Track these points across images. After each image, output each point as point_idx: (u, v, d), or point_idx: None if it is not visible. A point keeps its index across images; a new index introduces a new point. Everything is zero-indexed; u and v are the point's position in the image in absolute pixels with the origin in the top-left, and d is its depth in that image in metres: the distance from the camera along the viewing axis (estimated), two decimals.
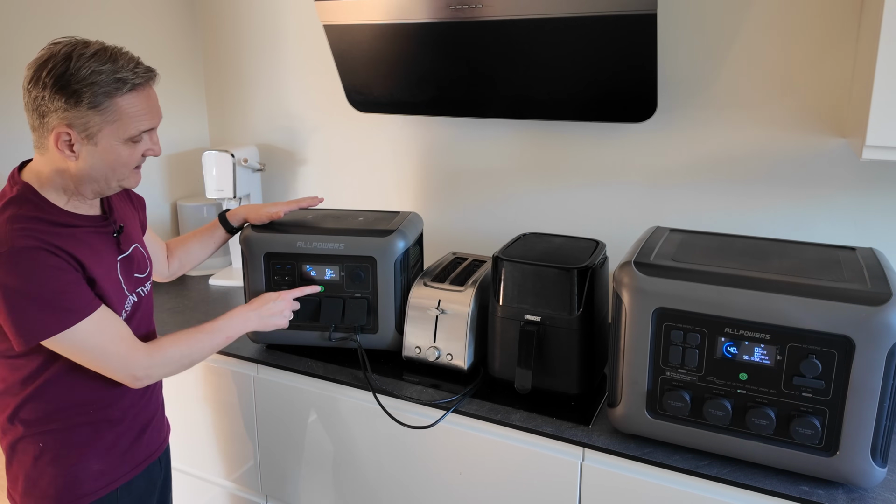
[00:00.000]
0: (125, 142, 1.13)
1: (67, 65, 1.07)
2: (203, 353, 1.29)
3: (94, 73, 1.07)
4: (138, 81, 1.12)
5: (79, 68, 1.07)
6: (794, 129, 1.52)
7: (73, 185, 1.15)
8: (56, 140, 1.10)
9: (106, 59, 1.09)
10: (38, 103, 1.09)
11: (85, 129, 1.09)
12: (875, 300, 1.03)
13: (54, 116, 1.08)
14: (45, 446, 1.19)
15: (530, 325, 1.37)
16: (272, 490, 1.70)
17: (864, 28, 1.33)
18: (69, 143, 1.10)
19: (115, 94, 1.09)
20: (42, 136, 1.12)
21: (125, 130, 1.12)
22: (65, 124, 1.09)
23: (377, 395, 1.45)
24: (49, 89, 1.07)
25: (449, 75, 1.69)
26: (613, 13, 1.38)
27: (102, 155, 1.12)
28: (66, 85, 1.07)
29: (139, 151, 1.17)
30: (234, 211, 1.60)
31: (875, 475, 1.08)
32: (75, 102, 1.07)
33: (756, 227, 1.60)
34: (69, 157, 1.12)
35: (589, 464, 1.27)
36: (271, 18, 2.13)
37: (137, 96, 1.13)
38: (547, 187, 1.82)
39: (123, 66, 1.10)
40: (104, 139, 1.11)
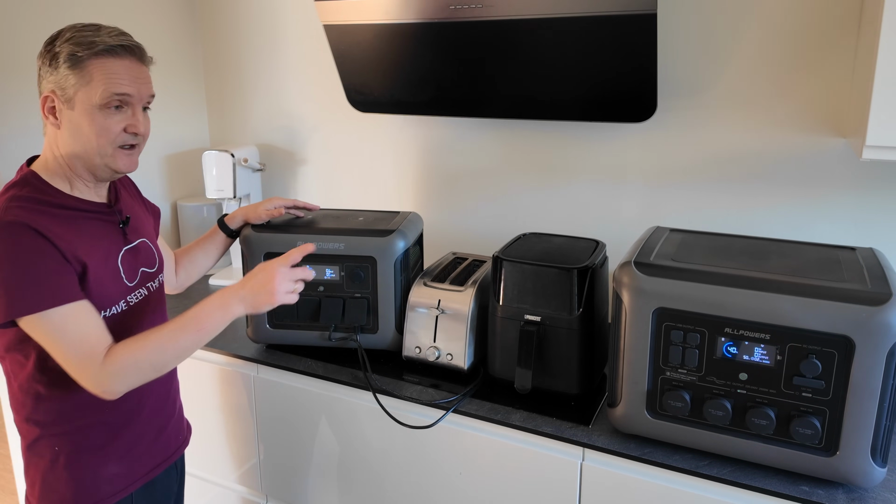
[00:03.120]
0: (100, 108, 1.13)
1: (59, 34, 1.13)
2: (171, 354, 1.14)
3: (69, 38, 1.12)
4: (112, 44, 1.14)
5: (59, 34, 1.13)
6: (794, 129, 1.52)
7: (64, 163, 1.17)
8: (43, 106, 1.14)
9: (89, 28, 1.15)
10: (38, 75, 1.15)
11: (63, 90, 1.12)
12: (875, 300, 1.03)
13: (43, 84, 1.14)
14: (60, 449, 1.18)
15: (530, 325, 1.37)
16: (272, 490, 1.70)
17: (864, 28, 1.33)
18: (53, 108, 1.13)
19: (89, 55, 1.12)
20: (41, 107, 1.15)
21: (96, 93, 1.12)
22: (49, 89, 1.13)
23: (377, 395, 1.45)
24: (40, 58, 1.14)
25: (449, 75, 1.69)
26: (613, 13, 1.38)
27: (80, 118, 1.13)
28: (51, 49, 1.13)
29: (117, 122, 1.14)
30: (231, 214, 1.59)
31: (875, 475, 1.08)
32: (54, 63, 1.12)
33: (756, 227, 1.60)
34: (53, 125, 1.14)
35: (589, 464, 1.27)
36: (271, 18, 2.13)
37: (113, 61, 1.13)
38: (547, 187, 1.82)
39: (105, 33, 1.15)
40: (79, 102, 1.12)
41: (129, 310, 1.22)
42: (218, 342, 1.68)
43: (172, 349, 1.14)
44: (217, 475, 1.79)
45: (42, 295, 1.07)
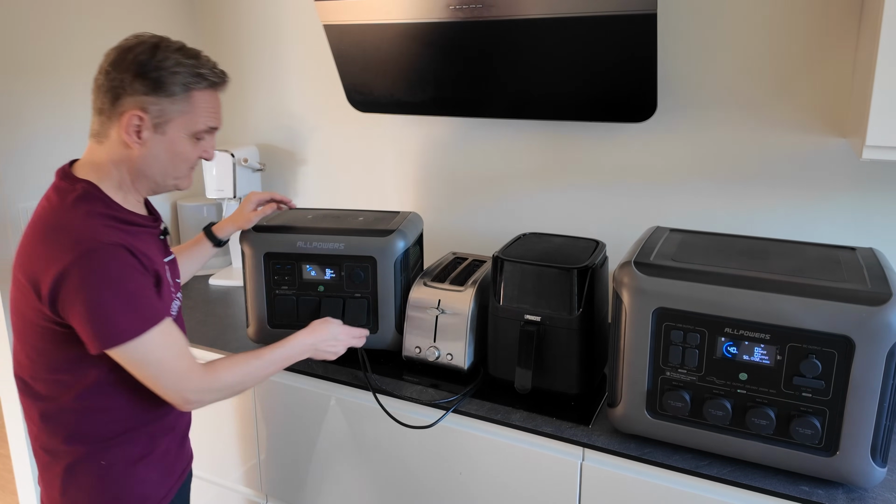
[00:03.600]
0: (190, 137, 1.15)
1: (154, 52, 1.09)
2: (255, 382, 1.24)
3: (177, 63, 1.10)
4: (215, 80, 1.16)
5: (165, 57, 1.10)
6: (794, 129, 1.52)
7: (129, 179, 1.15)
8: (126, 124, 1.09)
9: (189, 54, 1.13)
10: (115, 85, 1.09)
11: (159, 116, 1.10)
12: (875, 300, 1.03)
13: (130, 100, 1.09)
14: (108, 462, 1.15)
15: (530, 325, 1.37)
16: (273, 490, 1.70)
17: (864, 28, 1.33)
18: (138, 128, 1.10)
19: (193, 86, 1.12)
20: (108, 120, 1.11)
21: (194, 124, 1.14)
22: (139, 108, 1.09)
23: (377, 395, 1.45)
24: (131, 73, 1.08)
25: (449, 75, 1.69)
26: (613, 13, 1.38)
27: (167, 146, 1.13)
28: (149, 70, 1.09)
29: (199, 150, 1.18)
30: (220, 225, 1.57)
31: (875, 475, 1.08)
32: (155, 88, 1.09)
33: (756, 227, 1.60)
34: (134, 144, 1.11)
35: (589, 464, 1.27)
36: (271, 18, 2.13)
37: (210, 95, 1.16)
38: (547, 187, 1.82)
39: (204, 63, 1.14)
40: (172, 129, 1.12)
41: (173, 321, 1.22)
42: (218, 342, 1.68)
43: (259, 377, 1.25)
44: (217, 475, 1.79)
45: (144, 317, 1.07)
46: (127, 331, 1.05)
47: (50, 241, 1.05)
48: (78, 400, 1.12)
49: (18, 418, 1.87)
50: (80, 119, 1.93)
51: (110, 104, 1.10)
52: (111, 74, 1.10)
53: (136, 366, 1.09)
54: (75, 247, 1.03)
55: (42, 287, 1.04)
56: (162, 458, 1.22)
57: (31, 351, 1.12)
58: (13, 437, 1.92)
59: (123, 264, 1.06)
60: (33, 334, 1.10)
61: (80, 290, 1.02)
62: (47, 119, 1.85)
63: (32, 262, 1.06)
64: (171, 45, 1.12)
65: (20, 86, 1.79)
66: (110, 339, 1.05)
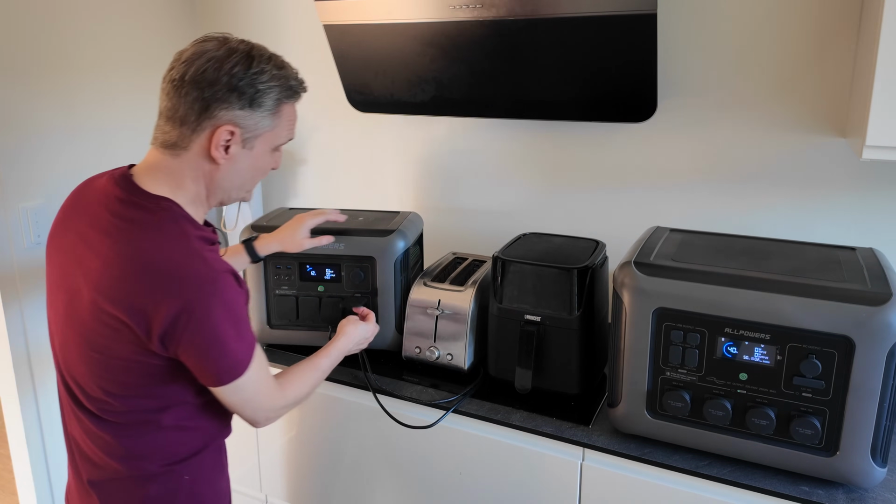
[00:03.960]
0: (272, 150, 1.11)
1: (249, 64, 1.02)
2: (309, 394, 1.23)
3: (272, 77, 1.04)
4: (302, 92, 1.12)
5: (261, 70, 1.03)
6: (794, 129, 1.52)
7: (204, 193, 1.08)
8: (215, 138, 1.02)
9: (279, 64, 1.07)
10: (207, 97, 1.00)
11: (252, 131, 1.05)
12: (875, 300, 1.03)
13: (224, 114, 1.01)
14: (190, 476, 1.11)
15: (530, 325, 1.37)
16: (272, 489, 1.70)
17: (864, 28, 1.33)
18: (227, 143, 1.03)
19: (285, 100, 1.08)
20: (192, 132, 1.02)
21: (278, 138, 1.10)
22: (232, 123, 1.02)
23: (377, 395, 1.45)
24: (225, 85, 1.01)
25: (449, 75, 1.68)
26: (613, 13, 1.38)
27: (251, 161, 1.08)
28: (246, 85, 1.02)
29: (273, 162, 1.13)
30: (263, 242, 1.49)
31: (875, 475, 1.08)
32: (251, 104, 1.03)
33: (756, 227, 1.60)
34: (219, 158, 1.04)
35: (589, 464, 1.27)
36: (271, 18, 2.13)
37: (294, 107, 1.12)
38: (547, 187, 1.82)
39: (292, 74, 1.09)
40: (259, 144, 1.07)
41: None
42: None
43: (313, 389, 1.24)
44: None
45: (251, 343, 1.04)
46: (243, 361, 1.03)
47: (157, 275, 0.97)
48: (161, 426, 1.06)
49: (18, 418, 1.87)
50: (80, 119, 1.93)
51: (197, 116, 1.01)
52: (201, 84, 1.00)
53: (233, 392, 1.04)
54: (191, 280, 0.97)
55: (154, 325, 0.96)
56: (226, 463, 1.21)
57: (110, 385, 1.03)
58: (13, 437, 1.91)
59: (235, 292, 1.01)
60: (121, 369, 1.01)
61: (202, 325, 0.97)
62: (48, 119, 1.85)
63: (135, 298, 0.96)
64: (264, 55, 1.05)
65: (20, 86, 1.78)
66: (231, 373, 1.02)
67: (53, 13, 1.85)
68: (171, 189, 1.05)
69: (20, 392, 1.85)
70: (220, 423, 1.14)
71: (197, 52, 1.02)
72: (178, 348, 0.99)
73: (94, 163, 1.97)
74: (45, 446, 1.93)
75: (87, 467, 1.10)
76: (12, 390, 1.85)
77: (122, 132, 2.05)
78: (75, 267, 1.03)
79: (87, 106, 1.95)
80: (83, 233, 1.03)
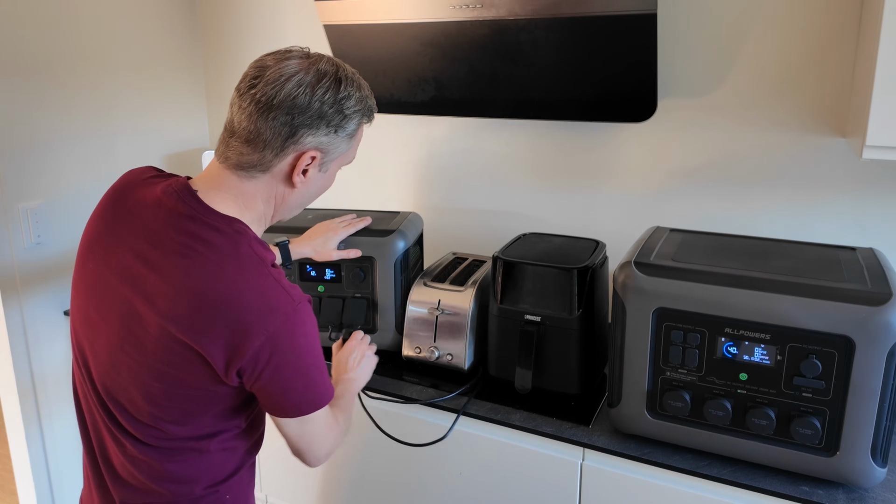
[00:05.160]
0: (339, 169, 1.08)
1: (339, 89, 0.98)
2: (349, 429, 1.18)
3: (357, 101, 1.01)
4: (376, 112, 1.08)
5: (348, 95, 0.99)
6: (794, 129, 1.52)
7: (271, 213, 1.04)
8: (300, 164, 0.98)
9: (360, 84, 1.03)
10: (297, 123, 0.95)
11: (331, 155, 1.01)
12: (875, 300, 1.03)
13: (311, 139, 0.97)
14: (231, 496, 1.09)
15: (530, 325, 1.37)
16: (272, 489, 1.70)
17: (864, 28, 1.33)
18: (307, 167, 0.99)
19: (363, 123, 1.05)
20: (275, 156, 0.97)
21: (349, 158, 1.07)
22: (317, 149, 0.98)
23: (380, 427, 1.44)
24: (316, 112, 0.96)
25: (449, 75, 1.68)
26: (613, 13, 1.38)
27: (323, 182, 1.05)
28: (335, 112, 0.98)
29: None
30: (297, 244, 1.48)
31: (875, 475, 1.08)
32: (337, 129, 0.99)
33: (756, 227, 1.60)
34: (298, 182, 1.00)
35: (589, 464, 1.27)
36: (271, 18, 2.13)
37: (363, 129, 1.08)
38: (547, 187, 1.82)
39: (369, 94, 1.05)
40: (334, 166, 1.04)
41: None
42: None
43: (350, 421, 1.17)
44: None
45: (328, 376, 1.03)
46: (327, 392, 1.01)
47: (236, 304, 0.91)
48: (208, 451, 1.03)
49: (18, 419, 1.87)
50: (80, 119, 1.93)
51: (283, 140, 0.96)
52: (293, 111, 0.95)
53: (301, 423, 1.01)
54: (276, 311, 0.92)
55: (234, 358, 0.92)
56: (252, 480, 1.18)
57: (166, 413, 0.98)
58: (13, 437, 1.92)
59: (313, 322, 0.98)
60: (182, 398, 0.96)
61: (287, 359, 0.94)
62: (48, 119, 1.85)
63: (211, 327, 0.91)
64: (350, 78, 1.01)
65: (21, 86, 1.78)
66: (312, 405, 0.99)
67: (54, 14, 1.85)
68: (239, 209, 0.99)
69: (20, 392, 1.85)
70: (257, 439, 1.13)
71: (284, 74, 0.96)
72: (258, 382, 0.95)
73: (94, 163, 1.97)
74: (45, 446, 1.93)
75: (122, 491, 1.04)
76: (12, 390, 1.85)
77: (122, 132, 2.05)
78: (130, 287, 0.95)
79: (87, 106, 1.95)
80: (140, 250, 0.95)
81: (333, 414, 1.09)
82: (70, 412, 1.98)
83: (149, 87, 2.09)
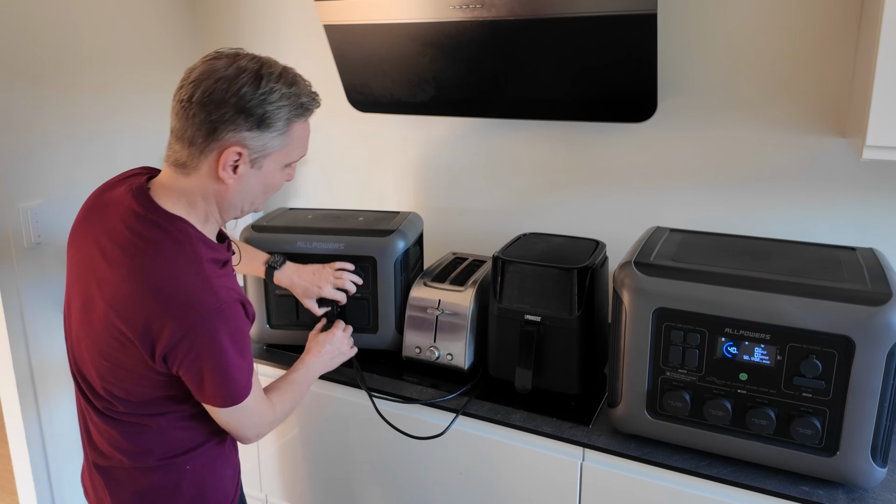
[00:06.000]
0: (283, 167, 1.09)
1: (258, 84, 1.00)
2: (294, 409, 1.26)
3: (282, 97, 1.02)
4: (314, 108, 1.09)
5: (270, 90, 1.01)
6: (794, 129, 1.52)
7: (216, 211, 1.08)
8: (223, 160, 1.01)
9: (290, 81, 1.04)
10: (214, 119, 0.99)
11: (261, 151, 1.03)
12: (875, 300, 1.03)
13: (231, 136, 1.00)
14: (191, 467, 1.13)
15: (530, 325, 1.37)
16: (272, 489, 1.70)
17: (864, 28, 1.33)
18: (236, 164, 1.02)
19: (295, 119, 1.05)
20: (200, 153, 1.01)
21: (289, 156, 1.08)
22: (241, 145, 1.01)
23: (384, 416, 1.44)
24: (233, 107, 0.99)
25: (449, 75, 1.68)
26: (613, 13, 1.38)
27: (261, 179, 1.07)
28: (254, 106, 1.00)
29: (285, 177, 1.12)
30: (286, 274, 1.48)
31: (875, 475, 1.08)
32: (260, 125, 1.01)
33: (756, 227, 1.60)
34: (227, 179, 1.03)
35: (589, 464, 1.27)
36: (271, 18, 2.13)
37: (307, 124, 1.09)
38: (547, 187, 1.82)
39: (304, 91, 1.06)
40: (269, 163, 1.06)
41: None
42: None
43: (297, 404, 1.26)
44: None
45: (251, 370, 1.07)
46: (244, 390, 1.06)
47: (165, 299, 0.98)
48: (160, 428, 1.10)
49: (18, 418, 1.87)
50: (80, 119, 1.93)
51: (204, 137, 1.00)
52: (208, 106, 0.99)
53: (229, 413, 1.07)
54: (198, 308, 0.98)
55: (157, 345, 0.98)
56: (230, 453, 1.22)
57: (115, 389, 1.06)
58: (13, 437, 1.91)
59: (242, 322, 1.04)
60: (125, 378, 1.04)
61: (203, 352, 0.99)
62: (48, 119, 1.85)
63: (140, 315, 0.98)
64: (273, 72, 1.02)
65: (21, 86, 1.78)
66: (231, 399, 1.05)
67: (54, 14, 1.85)
68: (186, 208, 1.05)
69: (20, 392, 1.85)
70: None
71: (206, 72, 1.00)
72: (180, 370, 1.01)
73: (94, 163, 1.97)
74: (45, 446, 1.93)
75: (94, 454, 1.15)
76: (12, 390, 1.85)
77: (122, 132, 2.04)
78: (90, 273, 1.04)
79: (87, 106, 1.95)
80: (100, 241, 1.04)
81: (270, 399, 1.17)
82: (70, 412, 1.98)
83: (149, 88, 2.09)
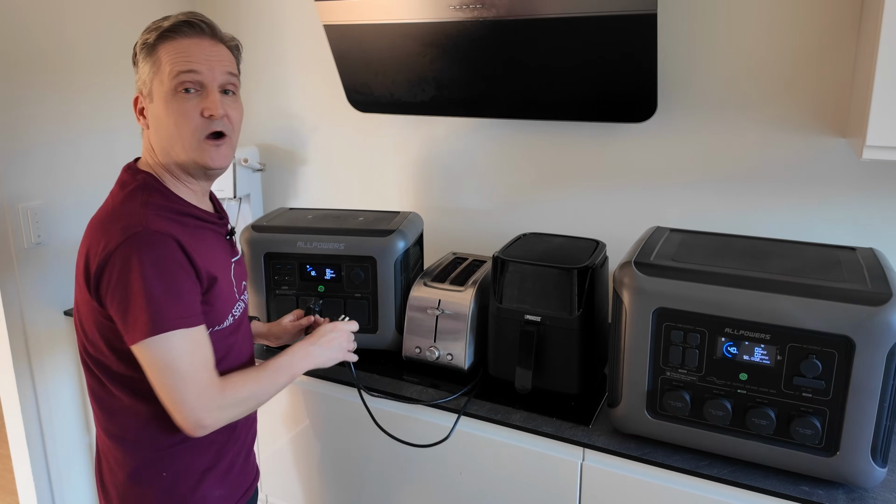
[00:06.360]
0: (173, 94, 1.07)
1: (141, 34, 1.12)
2: (269, 394, 1.16)
3: (147, 31, 1.11)
4: (177, 21, 1.10)
5: (145, 31, 1.11)
6: (794, 129, 1.52)
7: (165, 169, 1.12)
8: (136, 110, 1.13)
9: (162, 19, 1.12)
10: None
11: (144, 84, 1.10)
12: (875, 300, 1.03)
13: (135, 87, 1.13)
14: (168, 475, 1.11)
15: (530, 325, 1.37)
16: (272, 489, 1.70)
17: (865, 28, 1.33)
18: (142, 109, 1.12)
19: (157, 44, 1.09)
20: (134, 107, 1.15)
21: (165, 76, 1.07)
22: (137, 89, 1.12)
23: (380, 425, 1.44)
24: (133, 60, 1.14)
25: (449, 75, 1.68)
26: (613, 13, 1.38)
27: (160, 109, 1.08)
28: (136, 52, 1.12)
29: (193, 107, 1.07)
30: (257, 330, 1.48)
31: (875, 475, 1.08)
32: (136, 65, 1.12)
33: (756, 227, 1.60)
34: (141, 123, 1.13)
35: (589, 464, 1.27)
36: (271, 18, 2.13)
37: (180, 41, 1.09)
38: (547, 187, 1.82)
39: (168, 18, 1.11)
40: (156, 93, 1.09)
41: (233, 323, 1.18)
42: None
43: (273, 388, 1.17)
44: None
45: (179, 314, 1.02)
46: (166, 320, 1.00)
47: (103, 229, 1.04)
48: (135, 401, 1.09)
49: (18, 418, 1.87)
50: (80, 119, 1.93)
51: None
52: None
53: (158, 369, 1.01)
54: (123, 231, 1.01)
55: (91, 274, 1.03)
56: (227, 472, 1.18)
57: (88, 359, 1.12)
58: (13, 437, 1.92)
59: (168, 255, 1.02)
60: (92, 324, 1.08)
61: (121, 274, 1.00)
62: (48, 119, 1.85)
63: (83, 250, 1.07)
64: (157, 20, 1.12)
65: (21, 86, 1.79)
66: (140, 330, 1.00)
67: (54, 13, 1.85)
68: (148, 165, 1.14)
69: (20, 392, 1.85)
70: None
71: None
72: (106, 299, 1.03)
73: (94, 163, 1.97)
74: (45, 446, 1.93)
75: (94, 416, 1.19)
76: (12, 390, 1.85)
77: (122, 132, 2.05)
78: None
79: (87, 106, 1.95)
80: None
81: (232, 382, 1.09)
82: (70, 412, 1.98)
83: None
